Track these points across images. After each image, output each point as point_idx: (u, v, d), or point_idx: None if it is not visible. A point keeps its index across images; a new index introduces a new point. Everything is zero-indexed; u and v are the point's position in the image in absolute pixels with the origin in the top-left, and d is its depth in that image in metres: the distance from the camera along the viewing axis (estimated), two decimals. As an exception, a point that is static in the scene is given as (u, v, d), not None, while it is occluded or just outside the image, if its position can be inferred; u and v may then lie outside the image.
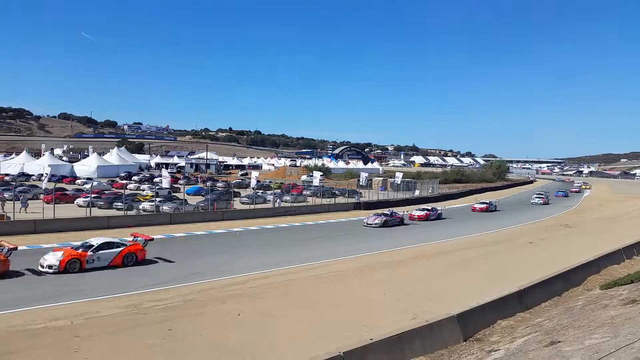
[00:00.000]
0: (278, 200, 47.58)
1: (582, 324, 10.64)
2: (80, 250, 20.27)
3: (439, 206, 50.73)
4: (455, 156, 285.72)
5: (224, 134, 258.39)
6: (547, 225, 43.31)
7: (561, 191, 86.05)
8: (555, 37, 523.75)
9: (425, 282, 20.09)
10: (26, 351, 11.42)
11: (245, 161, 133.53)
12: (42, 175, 56.09)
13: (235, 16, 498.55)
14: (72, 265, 19.46)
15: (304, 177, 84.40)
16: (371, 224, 37.31)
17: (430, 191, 70.06)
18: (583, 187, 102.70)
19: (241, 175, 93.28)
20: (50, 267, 19.10)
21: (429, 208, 45.63)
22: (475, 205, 54.62)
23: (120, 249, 21.20)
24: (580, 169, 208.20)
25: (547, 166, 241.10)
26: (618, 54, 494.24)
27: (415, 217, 42.95)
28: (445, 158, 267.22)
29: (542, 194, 66.89)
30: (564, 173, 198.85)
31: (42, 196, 38.81)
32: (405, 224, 39.84)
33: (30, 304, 15.13)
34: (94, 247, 20.49)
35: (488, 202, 56.43)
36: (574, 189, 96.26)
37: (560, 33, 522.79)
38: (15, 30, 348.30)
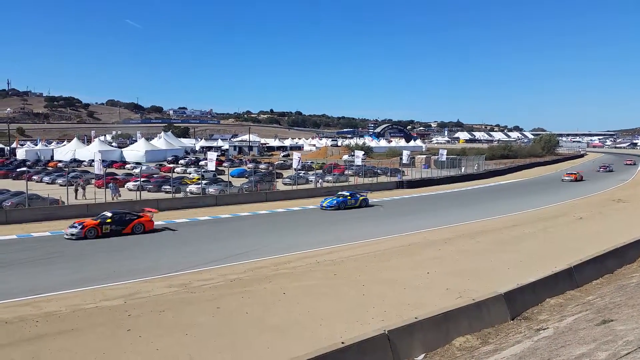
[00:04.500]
0: (320, 181, 47.80)
1: (637, 303, 10.25)
2: None
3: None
4: (502, 131, 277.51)
5: (265, 116, 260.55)
6: (599, 200, 41.69)
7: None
8: (601, 8, 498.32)
9: (470, 261, 19.78)
10: (86, 329, 12.06)
11: (287, 142, 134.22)
12: (92, 160, 58.34)
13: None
14: None
15: (345, 157, 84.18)
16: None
17: (476, 168, 68.49)
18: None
19: (283, 156, 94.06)
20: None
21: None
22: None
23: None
24: (635, 141, 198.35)
25: (599, 139, 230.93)
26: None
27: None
28: (491, 133, 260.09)
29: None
30: (617, 146, 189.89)
31: (93, 181, 40.32)
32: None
33: (84, 284, 15.90)
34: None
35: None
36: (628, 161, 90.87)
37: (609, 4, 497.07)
38: (63, 22, 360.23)
